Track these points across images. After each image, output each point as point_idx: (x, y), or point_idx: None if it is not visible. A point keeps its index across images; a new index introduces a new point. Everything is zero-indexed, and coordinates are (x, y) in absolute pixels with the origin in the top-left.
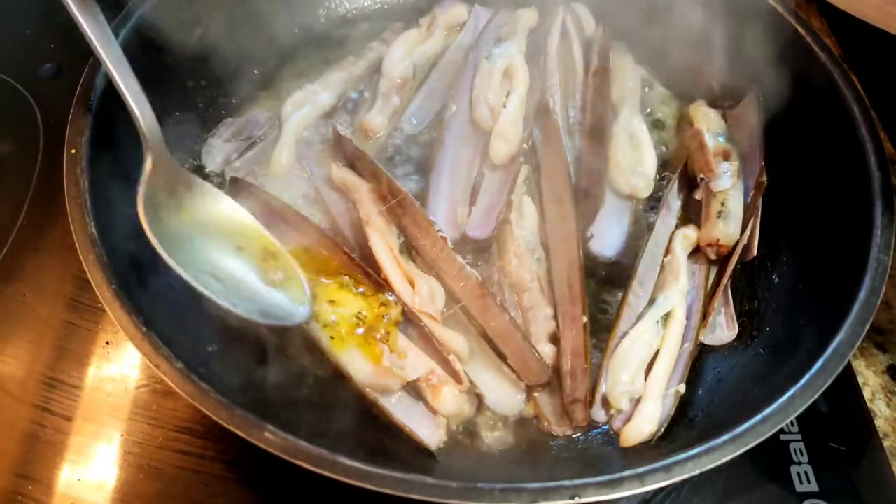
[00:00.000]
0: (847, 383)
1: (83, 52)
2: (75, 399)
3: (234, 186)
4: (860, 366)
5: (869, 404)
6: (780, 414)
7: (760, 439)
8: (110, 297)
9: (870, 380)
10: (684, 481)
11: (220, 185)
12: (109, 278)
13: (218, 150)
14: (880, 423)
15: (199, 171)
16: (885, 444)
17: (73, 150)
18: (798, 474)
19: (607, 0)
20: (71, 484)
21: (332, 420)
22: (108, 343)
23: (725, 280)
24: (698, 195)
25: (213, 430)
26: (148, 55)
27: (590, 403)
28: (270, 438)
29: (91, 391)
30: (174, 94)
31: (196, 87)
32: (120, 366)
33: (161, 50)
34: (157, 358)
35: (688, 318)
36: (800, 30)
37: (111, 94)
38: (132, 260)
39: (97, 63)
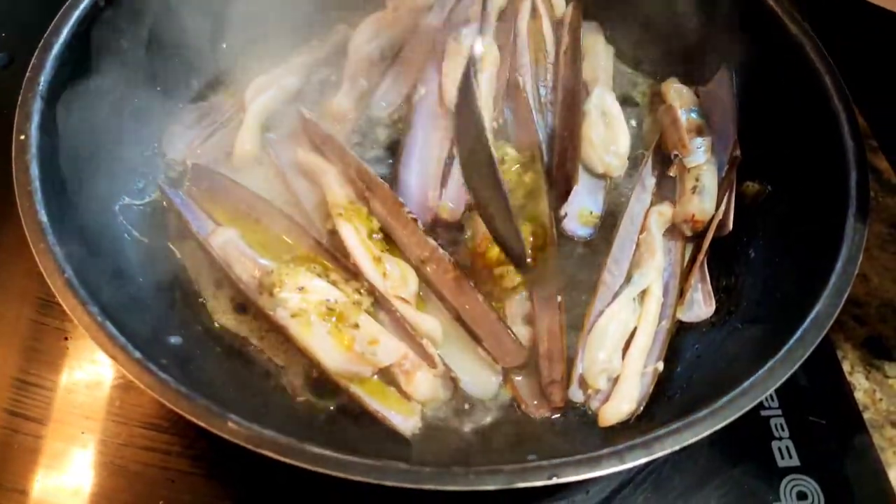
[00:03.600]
0: (826, 357)
1: (36, 41)
2: (37, 399)
3: (197, 173)
4: (839, 339)
5: (848, 377)
6: (759, 386)
7: (741, 412)
8: (62, 287)
9: (848, 353)
10: (665, 460)
11: (183, 173)
12: (61, 267)
13: (179, 137)
14: (860, 396)
15: (161, 157)
16: (865, 416)
17: (22, 137)
18: (779, 449)
19: None
20: (37, 487)
21: (303, 410)
22: (66, 338)
23: (702, 256)
24: (672, 172)
25: (178, 425)
26: (105, 41)
27: (567, 384)
28: (234, 429)
29: (54, 390)
30: (133, 80)
31: (155, 73)
32: (80, 361)
33: (118, 35)
34: (113, 348)
35: (664, 296)
36: (769, 2)
37: (62, 78)
38: (87, 249)
39: (47, 47)
